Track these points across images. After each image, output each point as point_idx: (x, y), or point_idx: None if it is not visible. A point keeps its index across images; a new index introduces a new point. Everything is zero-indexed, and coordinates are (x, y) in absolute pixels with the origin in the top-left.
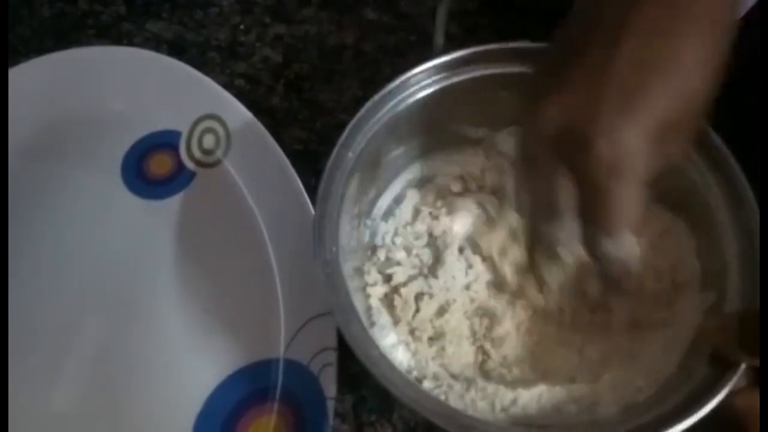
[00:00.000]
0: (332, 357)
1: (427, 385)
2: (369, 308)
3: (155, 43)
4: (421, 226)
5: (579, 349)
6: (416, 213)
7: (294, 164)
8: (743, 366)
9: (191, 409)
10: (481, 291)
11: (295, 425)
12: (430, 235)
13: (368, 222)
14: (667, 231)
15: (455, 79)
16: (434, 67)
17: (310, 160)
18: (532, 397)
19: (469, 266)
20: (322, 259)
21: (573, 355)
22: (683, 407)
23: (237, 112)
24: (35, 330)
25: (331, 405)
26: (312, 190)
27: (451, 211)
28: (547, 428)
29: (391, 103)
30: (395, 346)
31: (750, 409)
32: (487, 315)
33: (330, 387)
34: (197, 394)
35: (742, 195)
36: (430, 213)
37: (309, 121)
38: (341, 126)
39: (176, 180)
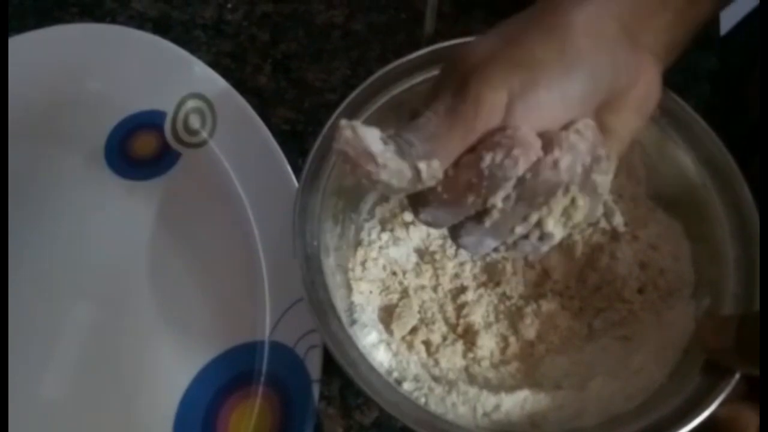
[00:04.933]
0: (318, 339)
1: (407, 386)
2: (351, 305)
3: (139, 22)
4: (405, 221)
5: (567, 354)
6: (402, 207)
7: (281, 145)
8: (737, 376)
9: (176, 392)
10: (469, 285)
11: (280, 408)
12: (414, 224)
13: (353, 216)
14: (663, 234)
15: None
16: (423, 56)
17: (298, 140)
18: (516, 402)
19: (459, 262)
20: (302, 254)
21: (561, 359)
22: (671, 419)
23: (223, 92)
24: (22, 313)
25: (316, 388)
26: (299, 171)
27: None
28: None
29: (379, 94)
30: (376, 346)
31: (734, 422)
32: (473, 311)
33: (316, 369)
34: (181, 378)
35: (741, 199)
36: None
37: (297, 101)
38: (329, 106)
39: (161, 161)
